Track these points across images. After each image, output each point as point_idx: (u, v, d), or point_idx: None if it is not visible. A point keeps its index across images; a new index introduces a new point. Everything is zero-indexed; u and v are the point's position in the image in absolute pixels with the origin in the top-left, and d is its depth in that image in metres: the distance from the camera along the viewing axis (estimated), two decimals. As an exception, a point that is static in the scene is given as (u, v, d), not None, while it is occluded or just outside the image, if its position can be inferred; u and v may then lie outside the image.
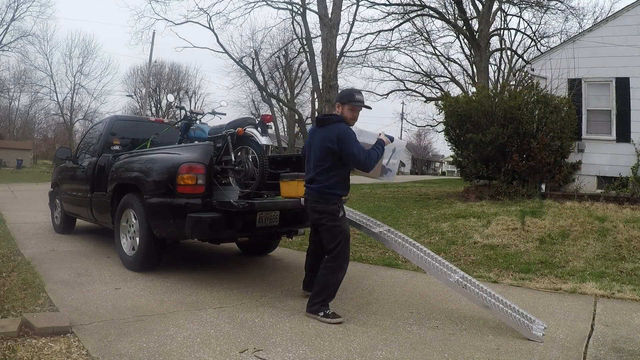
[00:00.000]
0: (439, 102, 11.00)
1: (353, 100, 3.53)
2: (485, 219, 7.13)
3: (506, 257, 5.53)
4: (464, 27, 17.53)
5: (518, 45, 24.51)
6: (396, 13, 18.52)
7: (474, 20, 18.42)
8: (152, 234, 4.30)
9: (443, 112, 10.06)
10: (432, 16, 19.13)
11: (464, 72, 26.61)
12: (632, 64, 9.29)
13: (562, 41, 13.27)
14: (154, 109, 44.74)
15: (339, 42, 15.74)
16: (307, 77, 31.79)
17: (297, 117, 30.85)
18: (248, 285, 4.28)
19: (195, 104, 46.03)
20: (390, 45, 21.04)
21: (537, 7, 18.28)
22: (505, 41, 23.64)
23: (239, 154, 4.76)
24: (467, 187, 10.36)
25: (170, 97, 49.68)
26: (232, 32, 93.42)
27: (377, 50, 21.27)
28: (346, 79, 75.81)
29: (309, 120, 33.64)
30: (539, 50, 19.05)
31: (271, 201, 4.47)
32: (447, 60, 25.81)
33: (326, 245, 3.51)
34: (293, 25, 21.61)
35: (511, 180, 8.96)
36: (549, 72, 9.84)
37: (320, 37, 14.07)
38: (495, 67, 25.79)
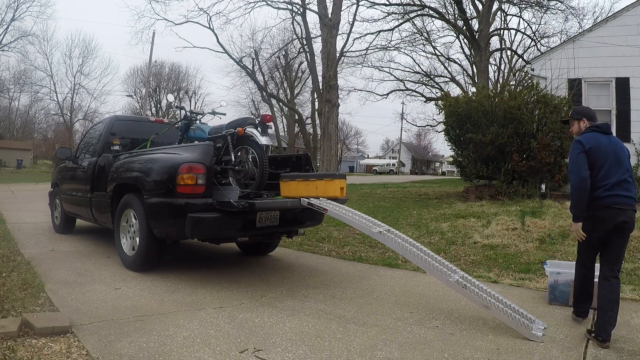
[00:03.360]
0: (439, 102, 11.00)
1: None
2: (485, 219, 7.13)
3: (506, 257, 5.53)
4: (464, 27, 17.53)
5: (518, 45, 24.54)
6: (396, 13, 18.53)
7: (474, 20, 18.42)
8: (152, 234, 4.30)
9: (443, 112, 10.06)
10: (432, 16, 19.14)
11: (464, 72, 26.63)
12: (632, 64, 9.30)
13: (562, 41, 13.27)
14: (154, 109, 44.75)
15: (339, 42, 15.78)
16: (307, 77, 31.80)
17: (297, 117, 30.84)
18: (248, 285, 4.28)
19: (195, 104, 46.08)
20: (390, 45, 21.04)
21: (537, 7, 18.28)
22: (505, 41, 23.67)
23: (239, 154, 4.77)
24: (467, 187, 10.37)
25: (170, 97, 49.76)
26: (232, 32, 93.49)
27: (377, 50, 21.27)
28: (346, 79, 75.96)
29: (308, 120, 33.68)
30: (539, 50, 19.05)
31: (271, 201, 4.47)
32: (447, 60, 25.83)
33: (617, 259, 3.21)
34: (293, 25, 21.63)
35: (511, 180, 8.97)
36: (549, 72, 9.85)
37: (320, 37, 14.05)
38: (495, 67, 25.82)
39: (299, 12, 17.25)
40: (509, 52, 24.40)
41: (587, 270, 3.41)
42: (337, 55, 14.60)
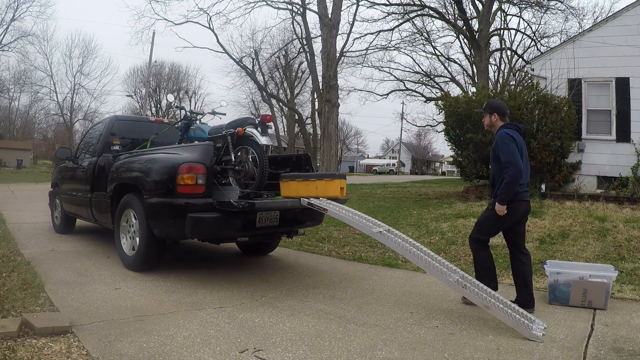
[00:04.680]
0: (439, 102, 11.00)
1: None
2: (485, 219, 7.12)
3: (506, 257, 5.51)
4: (464, 27, 17.53)
5: (518, 45, 24.52)
6: (396, 13, 18.52)
7: (474, 20, 18.41)
8: (152, 234, 4.30)
9: (443, 112, 10.06)
10: (432, 16, 19.13)
11: (464, 72, 26.61)
12: (632, 64, 9.29)
13: (562, 41, 13.26)
14: (154, 109, 44.74)
15: (339, 42, 15.76)
16: (307, 77, 31.78)
17: (297, 117, 30.83)
18: (248, 285, 4.28)
19: (195, 104, 46.06)
20: (390, 45, 21.00)
21: (537, 7, 18.26)
22: (505, 41, 23.66)
23: (239, 154, 4.77)
24: (467, 187, 10.37)
25: (170, 97, 49.80)
26: (232, 32, 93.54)
27: (377, 50, 21.23)
28: (346, 79, 75.95)
29: (308, 120, 33.68)
30: (539, 50, 19.04)
31: (271, 201, 4.47)
32: (447, 60, 25.81)
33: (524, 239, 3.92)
34: (293, 25, 21.60)
35: (511, 180, 8.96)
36: (549, 72, 9.84)
37: (320, 37, 14.03)
38: (495, 67, 25.81)
39: (299, 12, 17.25)
40: (509, 52, 24.40)
41: (488, 248, 3.88)
42: (337, 55, 14.59)
